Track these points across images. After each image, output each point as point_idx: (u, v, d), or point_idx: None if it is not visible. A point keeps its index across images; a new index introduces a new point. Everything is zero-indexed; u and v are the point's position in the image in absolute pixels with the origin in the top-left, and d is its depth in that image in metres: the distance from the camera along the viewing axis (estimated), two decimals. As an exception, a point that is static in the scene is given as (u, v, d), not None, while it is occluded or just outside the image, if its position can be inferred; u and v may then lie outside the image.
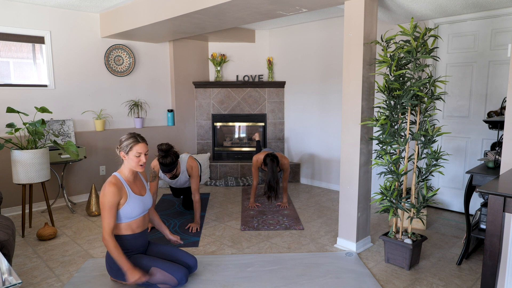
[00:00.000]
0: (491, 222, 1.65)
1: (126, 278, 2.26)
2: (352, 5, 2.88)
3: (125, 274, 2.26)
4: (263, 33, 5.71)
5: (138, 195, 2.45)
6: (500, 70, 3.60)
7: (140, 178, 2.59)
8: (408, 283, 2.54)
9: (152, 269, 2.33)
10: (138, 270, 2.28)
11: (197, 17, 3.65)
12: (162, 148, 3.34)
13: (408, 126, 2.74)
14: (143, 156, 2.38)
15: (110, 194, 2.28)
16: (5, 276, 1.47)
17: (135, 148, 2.35)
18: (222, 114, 5.71)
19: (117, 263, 2.30)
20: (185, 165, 3.63)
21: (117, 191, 2.31)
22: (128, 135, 2.41)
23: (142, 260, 2.38)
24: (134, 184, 2.47)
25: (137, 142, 2.36)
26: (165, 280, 2.33)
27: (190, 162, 3.60)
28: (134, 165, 2.39)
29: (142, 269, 2.34)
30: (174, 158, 3.35)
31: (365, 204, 3.10)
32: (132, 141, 2.36)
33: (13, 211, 4.07)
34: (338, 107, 4.90)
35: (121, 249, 2.36)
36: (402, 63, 2.68)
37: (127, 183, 2.42)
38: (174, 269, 2.36)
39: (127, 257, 2.38)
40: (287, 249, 3.10)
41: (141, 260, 2.38)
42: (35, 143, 3.41)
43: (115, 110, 4.95)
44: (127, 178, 2.43)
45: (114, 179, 2.36)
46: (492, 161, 2.63)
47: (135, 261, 2.38)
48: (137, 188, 2.48)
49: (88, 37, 4.60)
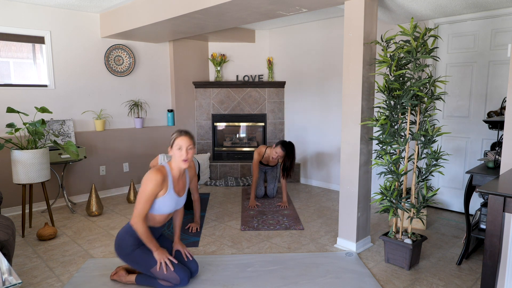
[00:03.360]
0: (491, 222, 1.65)
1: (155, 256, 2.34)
2: (352, 5, 2.88)
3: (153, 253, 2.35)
4: (263, 33, 5.71)
5: (176, 194, 2.43)
6: (500, 70, 3.60)
7: (185, 179, 2.56)
8: (408, 283, 2.54)
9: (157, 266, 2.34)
10: (164, 250, 2.36)
11: (197, 17, 3.65)
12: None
13: (408, 126, 2.74)
14: (185, 150, 2.33)
15: (154, 182, 2.27)
16: (5, 276, 1.47)
17: (177, 141, 2.34)
18: (222, 114, 5.71)
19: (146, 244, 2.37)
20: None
21: (162, 181, 2.30)
22: (175, 130, 2.43)
23: (146, 251, 2.40)
24: (177, 182, 2.45)
25: (179, 135, 2.35)
26: (168, 277, 2.33)
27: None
28: (177, 159, 2.35)
29: (149, 260, 2.36)
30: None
31: (365, 204, 3.10)
32: (176, 134, 2.36)
33: (13, 211, 4.07)
34: (338, 107, 4.90)
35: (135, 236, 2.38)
36: (402, 63, 2.68)
37: (172, 178, 2.40)
38: (179, 268, 2.37)
39: (138, 246, 2.39)
40: (287, 249, 3.10)
41: (146, 250, 2.40)
42: (35, 143, 3.41)
43: (115, 110, 4.95)
44: (173, 173, 2.41)
45: (163, 169, 2.35)
46: (492, 161, 2.63)
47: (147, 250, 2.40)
48: (178, 187, 2.46)
49: (88, 37, 4.60)
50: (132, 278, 2.49)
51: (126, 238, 2.39)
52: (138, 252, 2.37)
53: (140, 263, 2.37)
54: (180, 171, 2.43)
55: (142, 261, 2.36)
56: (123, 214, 4.04)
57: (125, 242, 2.39)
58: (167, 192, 2.36)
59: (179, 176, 2.45)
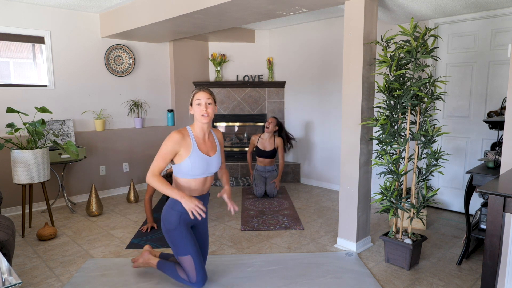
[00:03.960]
0: (491, 222, 1.65)
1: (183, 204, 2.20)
2: (352, 5, 2.88)
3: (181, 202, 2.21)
4: (263, 33, 5.71)
5: (204, 153, 2.33)
6: (500, 70, 3.60)
7: (213, 139, 2.45)
8: (408, 283, 2.54)
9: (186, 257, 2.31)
10: (193, 198, 2.20)
11: (197, 17, 3.65)
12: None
13: (408, 126, 2.74)
14: (204, 105, 2.26)
15: (171, 140, 2.23)
16: (5, 276, 1.47)
17: (196, 95, 2.29)
18: (222, 114, 5.71)
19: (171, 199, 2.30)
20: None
21: (180, 140, 2.24)
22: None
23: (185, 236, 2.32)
24: (202, 142, 2.36)
25: (198, 90, 2.30)
26: (189, 272, 2.31)
27: None
28: (198, 116, 2.28)
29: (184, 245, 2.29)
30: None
31: (365, 204, 3.10)
32: (195, 90, 2.32)
33: (13, 211, 4.07)
34: (338, 107, 4.90)
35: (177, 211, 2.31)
36: (402, 63, 2.68)
37: (195, 138, 2.33)
38: (200, 269, 2.33)
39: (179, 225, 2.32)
40: (287, 249, 3.10)
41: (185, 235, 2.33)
42: (35, 143, 3.41)
43: (115, 110, 4.95)
44: (196, 134, 2.34)
45: (183, 129, 2.32)
46: (492, 161, 2.63)
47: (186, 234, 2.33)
48: (205, 146, 2.36)
49: (88, 37, 4.60)
50: (154, 262, 2.53)
51: (169, 213, 2.34)
52: (177, 233, 2.32)
53: (174, 244, 2.32)
54: (203, 130, 2.35)
55: (176, 243, 2.31)
56: (123, 214, 4.04)
57: (168, 217, 2.34)
58: (192, 151, 2.27)
59: (204, 135, 2.37)
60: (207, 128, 2.37)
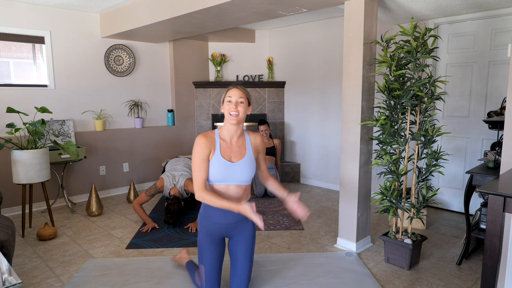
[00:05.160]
0: (491, 222, 1.65)
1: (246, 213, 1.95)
2: (352, 5, 2.88)
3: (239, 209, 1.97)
4: (263, 33, 5.71)
5: (225, 158, 2.09)
6: (500, 70, 3.60)
7: (243, 144, 2.19)
8: (408, 283, 2.54)
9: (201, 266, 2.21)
10: (247, 205, 1.93)
11: (197, 17, 3.65)
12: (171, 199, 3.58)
13: (408, 126, 2.74)
14: (234, 103, 2.07)
15: (198, 145, 2.07)
16: (5, 276, 1.47)
17: (228, 93, 2.11)
18: (222, 114, 5.71)
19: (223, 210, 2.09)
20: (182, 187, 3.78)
21: (204, 142, 2.07)
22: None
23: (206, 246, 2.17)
24: (229, 146, 2.14)
25: (231, 88, 2.12)
26: (201, 279, 2.21)
27: (186, 184, 3.75)
28: (226, 115, 2.10)
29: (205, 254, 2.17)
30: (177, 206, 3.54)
31: (365, 204, 3.10)
32: (229, 88, 2.14)
33: (13, 211, 4.07)
34: (338, 107, 4.90)
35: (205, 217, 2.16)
36: (402, 63, 2.68)
37: (220, 141, 2.13)
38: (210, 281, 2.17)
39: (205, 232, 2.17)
40: (287, 249, 3.10)
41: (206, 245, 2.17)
42: (35, 143, 3.41)
43: (115, 110, 4.95)
44: (222, 136, 2.15)
45: (210, 131, 2.16)
46: (492, 161, 2.63)
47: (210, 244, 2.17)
48: (229, 151, 2.13)
49: (88, 37, 4.60)
50: (185, 261, 2.64)
51: (200, 218, 2.21)
52: (203, 239, 2.18)
53: (199, 249, 2.21)
54: (230, 132, 2.13)
55: (199, 249, 2.21)
56: (123, 214, 4.04)
57: (200, 222, 2.21)
58: (214, 155, 2.08)
59: (231, 138, 2.15)
60: (236, 130, 2.14)
